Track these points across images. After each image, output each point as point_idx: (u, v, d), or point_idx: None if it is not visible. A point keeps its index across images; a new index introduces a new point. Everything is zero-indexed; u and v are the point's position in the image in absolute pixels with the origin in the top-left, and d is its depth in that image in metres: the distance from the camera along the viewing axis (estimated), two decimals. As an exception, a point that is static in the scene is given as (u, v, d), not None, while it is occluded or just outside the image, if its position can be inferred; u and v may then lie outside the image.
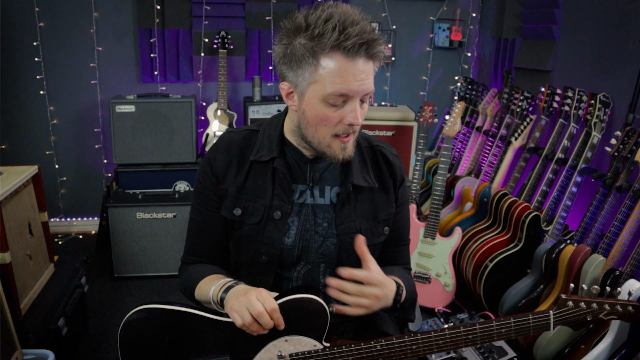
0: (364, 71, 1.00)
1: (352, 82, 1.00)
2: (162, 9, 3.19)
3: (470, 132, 3.29)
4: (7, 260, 1.73)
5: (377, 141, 1.27)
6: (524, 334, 1.04)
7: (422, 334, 1.03)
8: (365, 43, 0.97)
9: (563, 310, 1.04)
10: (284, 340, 1.03)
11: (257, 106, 3.11)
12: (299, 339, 1.03)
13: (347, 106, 1.03)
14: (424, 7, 3.47)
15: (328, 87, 1.00)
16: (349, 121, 1.04)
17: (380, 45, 1.01)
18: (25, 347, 1.70)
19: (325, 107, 1.03)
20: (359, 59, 0.99)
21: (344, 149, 1.08)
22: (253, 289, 1.01)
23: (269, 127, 1.20)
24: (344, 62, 0.98)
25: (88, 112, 3.33)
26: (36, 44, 3.13)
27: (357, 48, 0.97)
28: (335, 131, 1.06)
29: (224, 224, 1.20)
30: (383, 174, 1.23)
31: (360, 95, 1.03)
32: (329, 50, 0.98)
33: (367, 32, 0.98)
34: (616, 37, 2.28)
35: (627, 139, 2.04)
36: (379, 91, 3.58)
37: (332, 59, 0.99)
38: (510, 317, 1.03)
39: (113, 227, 2.75)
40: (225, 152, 1.18)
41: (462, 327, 1.03)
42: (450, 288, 2.52)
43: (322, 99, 1.02)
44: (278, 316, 0.98)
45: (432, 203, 2.54)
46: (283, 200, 1.15)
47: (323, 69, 1.00)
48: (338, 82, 0.99)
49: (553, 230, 2.32)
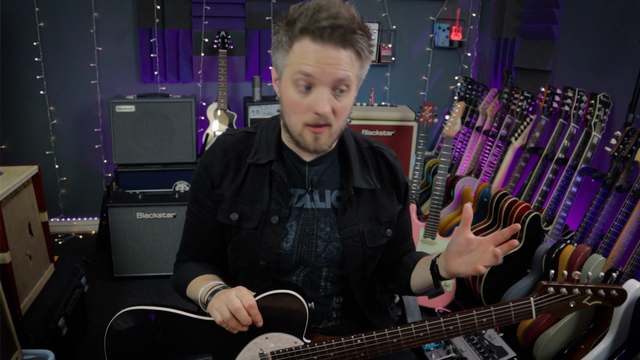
0: (334, 57, 0.98)
1: (317, 65, 0.98)
2: (162, 9, 3.19)
3: (470, 132, 3.29)
4: (7, 260, 1.73)
5: (377, 143, 1.26)
6: (506, 323, 1.02)
7: (401, 326, 1.02)
8: (333, 27, 0.96)
9: (544, 297, 1.02)
10: (264, 337, 1.04)
11: (257, 106, 3.11)
12: (279, 336, 1.04)
13: (314, 93, 1.01)
14: (424, 7, 3.47)
15: (294, 67, 1.00)
16: (315, 110, 1.01)
17: (358, 36, 0.98)
18: (25, 347, 1.70)
19: (295, 91, 1.02)
20: (329, 44, 0.97)
21: (315, 139, 1.05)
22: (234, 288, 1.03)
23: (266, 129, 1.19)
24: (311, 45, 0.98)
25: (88, 112, 3.33)
26: (36, 44, 3.13)
27: (324, 32, 0.96)
28: (304, 119, 1.04)
29: (219, 228, 1.19)
30: (384, 176, 1.22)
31: (328, 82, 1.00)
32: (299, 34, 0.99)
33: (339, 17, 0.96)
34: (616, 37, 2.28)
35: (627, 139, 2.04)
36: (379, 91, 3.58)
37: (302, 42, 0.99)
38: (491, 306, 1.02)
39: (113, 227, 2.75)
40: (221, 156, 1.16)
41: (442, 319, 1.02)
42: (450, 288, 2.52)
43: (292, 82, 1.02)
44: (256, 312, 1.00)
45: (432, 203, 2.54)
46: (281, 204, 1.14)
47: (294, 52, 1.00)
48: (302, 62, 0.99)
49: (553, 230, 2.32)
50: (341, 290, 1.23)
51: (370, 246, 1.19)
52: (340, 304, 1.24)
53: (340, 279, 1.21)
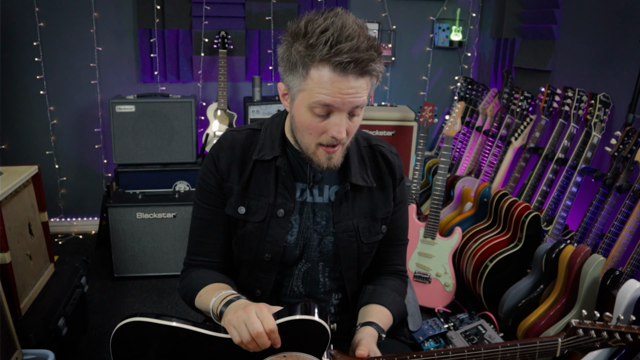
0: (354, 87, 0.99)
1: (337, 95, 0.98)
2: (162, 9, 3.19)
3: (470, 132, 3.29)
4: (7, 260, 1.73)
5: (377, 140, 1.27)
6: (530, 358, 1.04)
7: (424, 354, 1.01)
8: (355, 61, 0.96)
9: (572, 339, 1.04)
10: (282, 356, 1.00)
11: (257, 106, 3.11)
12: (297, 356, 1.00)
13: (333, 118, 1.02)
14: (424, 7, 3.47)
15: (314, 96, 1.00)
16: (332, 134, 1.03)
17: (376, 64, 0.99)
18: (25, 347, 1.70)
19: (311, 115, 1.03)
20: (349, 75, 0.97)
21: (329, 158, 1.08)
22: (253, 304, 0.98)
23: (271, 126, 1.20)
24: (332, 76, 0.97)
25: (88, 112, 3.33)
26: (36, 44, 3.13)
27: (346, 65, 0.96)
28: (319, 140, 1.05)
29: (228, 221, 1.20)
30: (382, 173, 1.24)
31: (347, 109, 1.02)
32: (318, 63, 0.97)
33: (360, 49, 0.96)
34: (616, 37, 2.28)
35: (627, 139, 2.04)
36: (379, 91, 3.58)
37: (321, 71, 0.98)
38: (517, 341, 1.03)
39: (113, 227, 2.75)
40: (229, 151, 1.18)
41: (466, 350, 1.01)
42: (450, 288, 2.52)
43: (308, 107, 1.02)
44: (276, 337, 0.95)
45: (432, 203, 2.54)
46: (286, 198, 1.16)
47: (311, 79, 0.99)
48: (323, 92, 0.99)
49: (553, 230, 2.32)
50: (340, 287, 1.25)
51: (365, 242, 1.21)
52: (339, 300, 1.27)
53: (338, 276, 1.23)
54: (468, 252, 2.53)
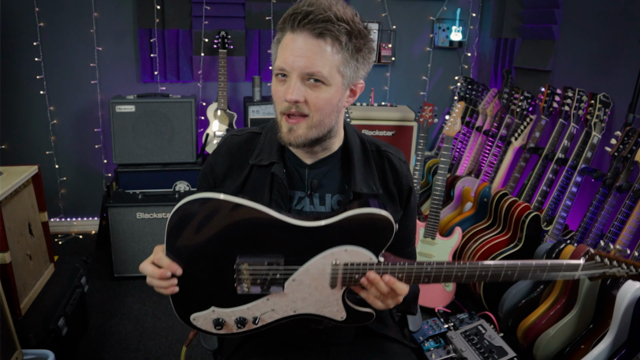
0: (303, 47, 0.98)
1: (287, 56, 1.00)
2: (162, 9, 3.19)
3: (470, 132, 3.29)
4: (7, 260, 1.73)
5: (386, 146, 1.22)
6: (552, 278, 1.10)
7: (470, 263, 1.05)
8: (306, 15, 0.96)
9: (591, 263, 1.11)
10: (344, 249, 1.01)
11: (257, 106, 3.11)
12: (357, 251, 1.01)
13: (287, 82, 1.02)
14: (424, 7, 3.47)
15: (274, 63, 1.04)
16: (284, 96, 1.01)
17: (330, 23, 0.96)
18: (25, 347, 1.70)
19: (275, 82, 1.05)
20: (302, 33, 0.98)
21: (290, 130, 1.05)
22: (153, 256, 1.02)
23: (271, 130, 1.18)
24: (287, 37, 1.01)
25: (88, 112, 3.33)
26: (36, 44, 3.13)
27: (299, 21, 0.97)
28: (280, 108, 1.05)
29: None
30: (388, 181, 1.19)
31: (296, 72, 0.99)
32: (281, 26, 1.02)
33: (318, 10, 0.96)
34: (616, 37, 2.28)
35: (627, 139, 2.04)
36: (379, 91, 3.58)
37: (284, 34, 1.02)
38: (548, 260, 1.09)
39: (113, 227, 2.75)
40: (226, 155, 1.17)
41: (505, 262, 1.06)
42: (450, 288, 2.52)
43: (274, 76, 1.05)
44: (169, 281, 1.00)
45: (432, 203, 2.54)
46: (280, 206, 1.12)
47: (279, 46, 1.03)
48: (280, 57, 1.02)
49: (553, 230, 2.32)
50: None
51: None
52: None
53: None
54: (468, 252, 2.53)
